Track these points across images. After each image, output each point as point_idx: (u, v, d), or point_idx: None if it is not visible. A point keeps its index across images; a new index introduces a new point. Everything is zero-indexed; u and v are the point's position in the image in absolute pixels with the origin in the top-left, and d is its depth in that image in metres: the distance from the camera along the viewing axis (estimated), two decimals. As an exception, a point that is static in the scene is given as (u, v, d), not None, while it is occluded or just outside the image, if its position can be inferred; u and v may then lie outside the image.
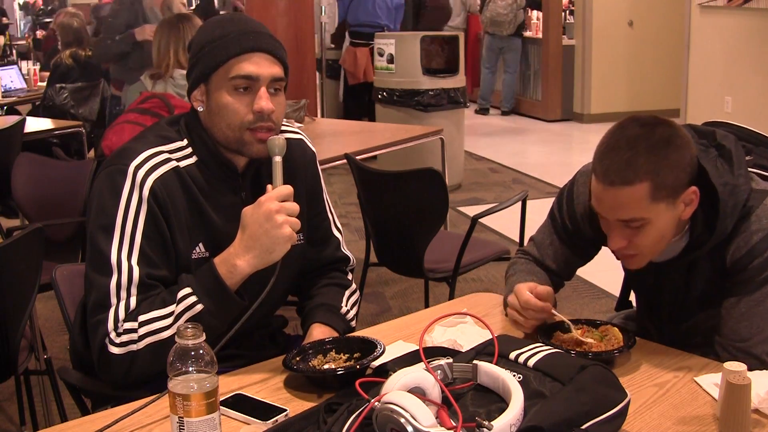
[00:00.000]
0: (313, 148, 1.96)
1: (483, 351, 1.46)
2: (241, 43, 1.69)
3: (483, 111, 10.52)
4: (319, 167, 1.97)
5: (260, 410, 1.46)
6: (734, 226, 1.65)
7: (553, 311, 1.74)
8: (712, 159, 1.64)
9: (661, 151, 1.57)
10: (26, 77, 7.01)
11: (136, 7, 5.23)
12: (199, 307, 1.62)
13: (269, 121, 1.70)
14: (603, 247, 2.18)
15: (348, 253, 2.01)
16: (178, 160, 1.72)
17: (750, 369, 1.39)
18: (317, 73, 6.56)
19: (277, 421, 1.42)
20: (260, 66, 1.69)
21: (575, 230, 1.88)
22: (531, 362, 1.40)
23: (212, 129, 1.74)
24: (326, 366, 1.61)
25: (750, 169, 1.73)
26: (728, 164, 1.65)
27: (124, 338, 1.61)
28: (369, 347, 1.61)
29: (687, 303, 1.81)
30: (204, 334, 1.29)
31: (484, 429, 1.20)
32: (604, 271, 4.14)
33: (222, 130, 1.72)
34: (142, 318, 1.62)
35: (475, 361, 1.41)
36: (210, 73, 1.71)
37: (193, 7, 9.71)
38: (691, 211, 1.64)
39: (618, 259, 1.75)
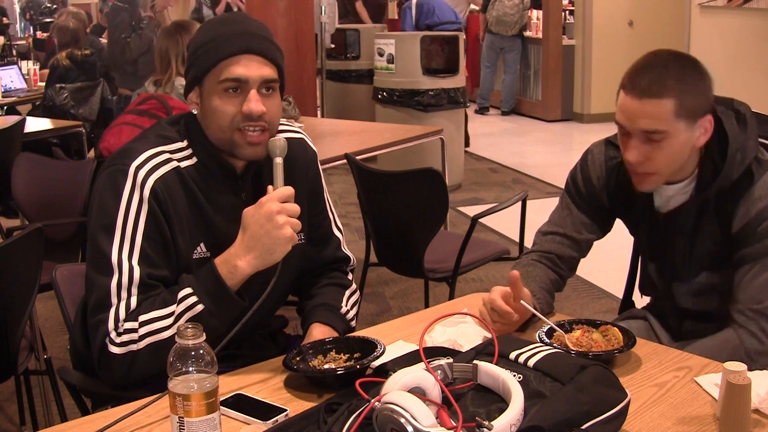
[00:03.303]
0: (314, 148, 1.96)
1: (483, 351, 1.46)
2: (231, 45, 1.69)
3: (482, 110, 10.52)
4: (320, 167, 1.98)
5: (260, 410, 1.46)
6: (739, 184, 1.75)
7: (541, 315, 1.74)
8: (730, 117, 1.78)
9: (688, 75, 1.71)
10: (26, 77, 7.01)
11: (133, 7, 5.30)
12: (200, 307, 1.62)
13: (261, 121, 1.70)
14: (604, 247, 2.19)
15: (348, 252, 2.01)
16: (179, 160, 1.72)
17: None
18: (317, 74, 6.56)
19: (277, 421, 1.42)
20: (249, 68, 1.69)
21: (590, 194, 1.96)
22: (531, 362, 1.40)
23: (206, 131, 1.74)
24: (326, 366, 1.61)
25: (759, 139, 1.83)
26: (743, 127, 1.77)
27: (125, 338, 1.61)
28: (369, 347, 1.61)
29: (694, 262, 1.87)
30: (204, 334, 1.29)
31: (484, 429, 1.20)
32: (604, 271, 4.15)
33: (214, 132, 1.72)
34: (142, 318, 1.62)
35: (475, 361, 1.41)
36: (203, 75, 1.71)
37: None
38: (704, 139, 1.75)
39: (633, 182, 1.81)
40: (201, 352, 1.28)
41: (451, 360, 1.43)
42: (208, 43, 1.71)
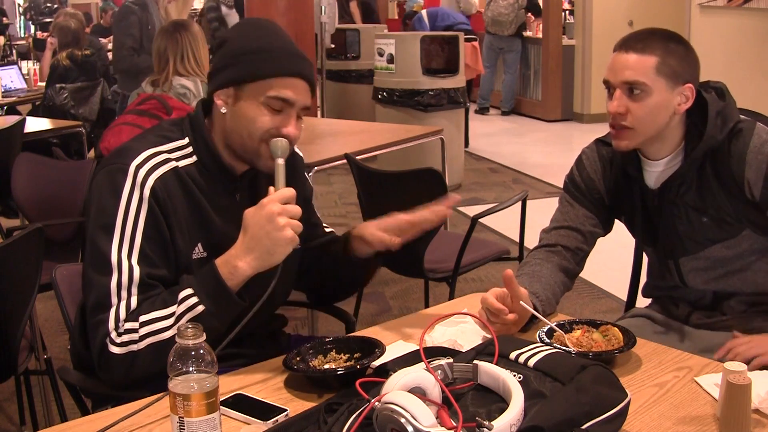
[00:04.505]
0: (300, 153, 1.99)
1: (483, 351, 1.46)
2: (289, 65, 1.71)
3: (482, 110, 10.52)
4: (315, 169, 1.99)
5: (260, 410, 1.46)
6: (732, 147, 1.82)
7: (540, 316, 1.74)
8: (709, 92, 1.88)
9: (673, 43, 1.83)
10: (26, 77, 7.01)
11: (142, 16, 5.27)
12: (200, 308, 1.62)
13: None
14: (604, 247, 2.18)
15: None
16: (177, 160, 1.72)
17: None
18: (317, 74, 6.56)
19: (277, 421, 1.42)
20: (298, 93, 1.71)
21: (590, 188, 2.02)
22: (531, 362, 1.40)
23: (231, 133, 1.74)
24: (326, 366, 1.61)
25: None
26: (722, 98, 1.88)
27: (125, 338, 1.61)
28: (369, 347, 1.61)
29: (699, 232, 1.91)
30: (204, 334, 1.29)
31: (485, 429, 1.20)
32: (604, 271, 4.15)
33: (241, 137, 1.72)
34: (143, 318, 1.62)
35: (475, 361, 1.41)
36: (247, 81, 1.71)
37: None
38: (685, 107, 1.85)
39: (612, 140, 1.90)
40: (201, 352, 1.28)
41: (451, 360, 1.43)
42: (261, 52, 1.71)
